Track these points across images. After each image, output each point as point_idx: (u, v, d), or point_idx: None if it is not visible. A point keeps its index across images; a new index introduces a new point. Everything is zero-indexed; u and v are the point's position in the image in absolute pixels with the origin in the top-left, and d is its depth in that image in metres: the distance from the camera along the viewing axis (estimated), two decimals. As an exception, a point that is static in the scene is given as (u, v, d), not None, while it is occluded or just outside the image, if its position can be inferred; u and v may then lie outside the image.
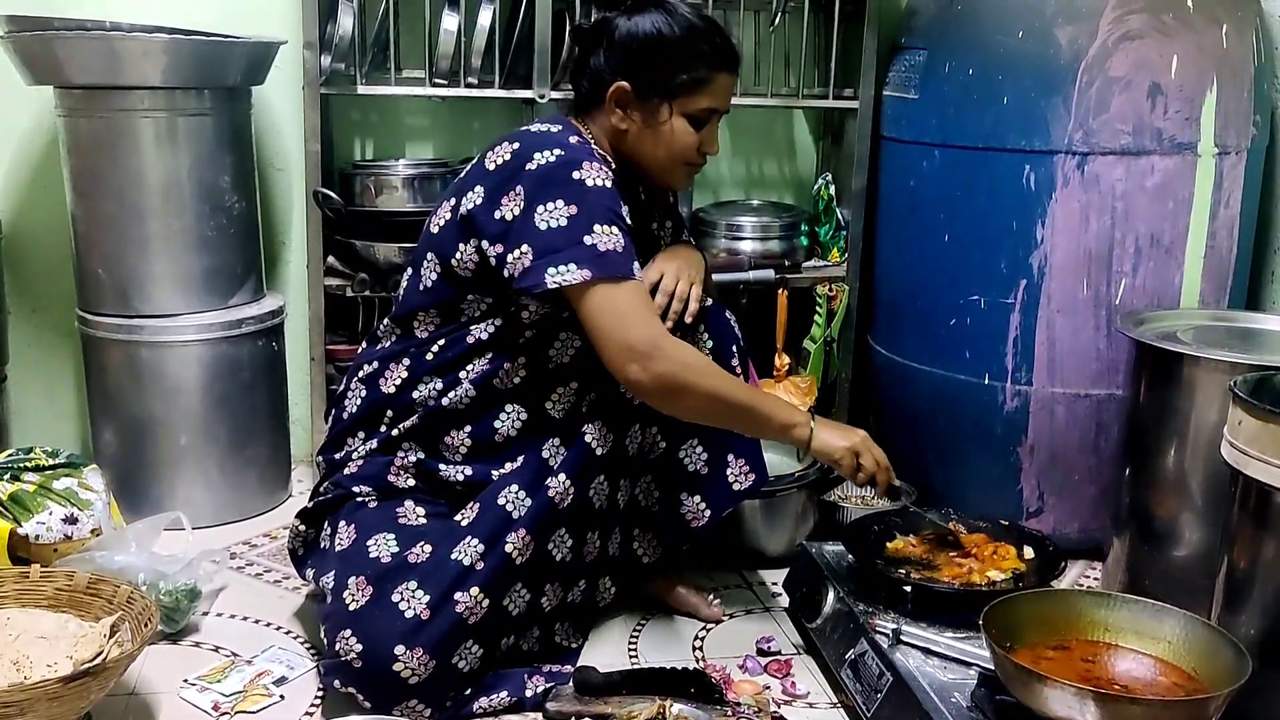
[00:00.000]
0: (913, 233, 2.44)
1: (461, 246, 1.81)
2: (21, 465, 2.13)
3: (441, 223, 1.85)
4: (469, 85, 2.48)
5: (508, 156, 1.78)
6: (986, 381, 2.31)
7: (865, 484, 1.87)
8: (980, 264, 2.29)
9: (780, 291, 2.64)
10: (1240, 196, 2.23)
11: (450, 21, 2.44)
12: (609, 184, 1.75)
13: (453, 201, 1.84)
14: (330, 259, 2.53)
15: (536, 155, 1.75)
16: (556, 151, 1.75)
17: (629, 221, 1.77)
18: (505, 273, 1.74)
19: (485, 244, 1.77)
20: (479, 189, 1.79)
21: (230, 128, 2.37)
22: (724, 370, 1.83)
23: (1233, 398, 1.57)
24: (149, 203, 2.30)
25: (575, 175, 1.72)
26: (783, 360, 2.68)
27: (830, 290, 2.70)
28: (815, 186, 2.82)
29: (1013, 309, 2.26)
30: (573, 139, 1.80)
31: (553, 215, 1.71)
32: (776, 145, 2.95)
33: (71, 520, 2.06)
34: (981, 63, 2.24)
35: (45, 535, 2.03)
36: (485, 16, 2.43)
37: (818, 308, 2.70)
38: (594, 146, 1.84)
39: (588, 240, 1.69)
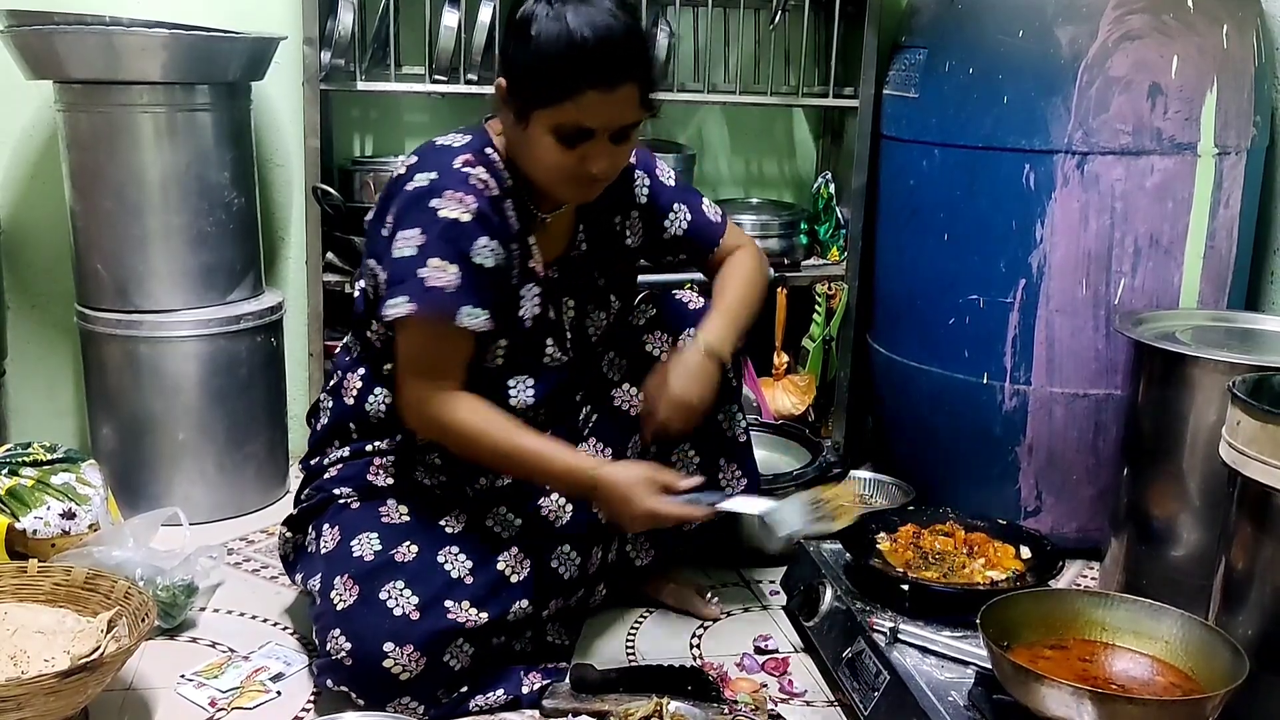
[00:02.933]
0: (912, 232, 2.44)
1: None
2: (20, 460, 2.12)
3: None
4: (469, 82, 2.48)
5: (403, 169, 1.73)
6: (985, 381, 2.31)
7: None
8: (979, 263, 2.28)
9: (779, 290, 2.64)
10: (1240, 197, 2.23)
11: (450, 18, 2.43)
12: (468, 216, 1.65)
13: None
14: (329, 255, 2.53)
15: (417, 175, 1.68)
16: (431, 176, 1.67)
17: (489, 259, 1.67)
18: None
19: (373, 261, 1.76)
20: (379, 198, 1.76)
21: (230, 124, 2.37)
22: (497, 431, 1.71)
23: (1231, 398, 1.57)
24: (148, 198, 2.30)
25: (432, 204, 1.65)
26: (781, 359, 2.68)
27: (829, 289, 2.70)
28: (815, 185, 2.82)
29: (1012, 308, 2.26)
30: (459, 160, 1.69)
31: (407, 243, 1.66)
32: (776, 144, 2.94)
33: (69, 515, 2.06)
34: (982, 62, 2.24)
35: (43, 530, 2.03)
36: (485, 13, 2.43)
37: (817, 306, 2.71)
38: (477, 168, 1.70)
39: (421, 273, 1.64)
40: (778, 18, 2.66)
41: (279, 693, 1.79)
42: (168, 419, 2.36)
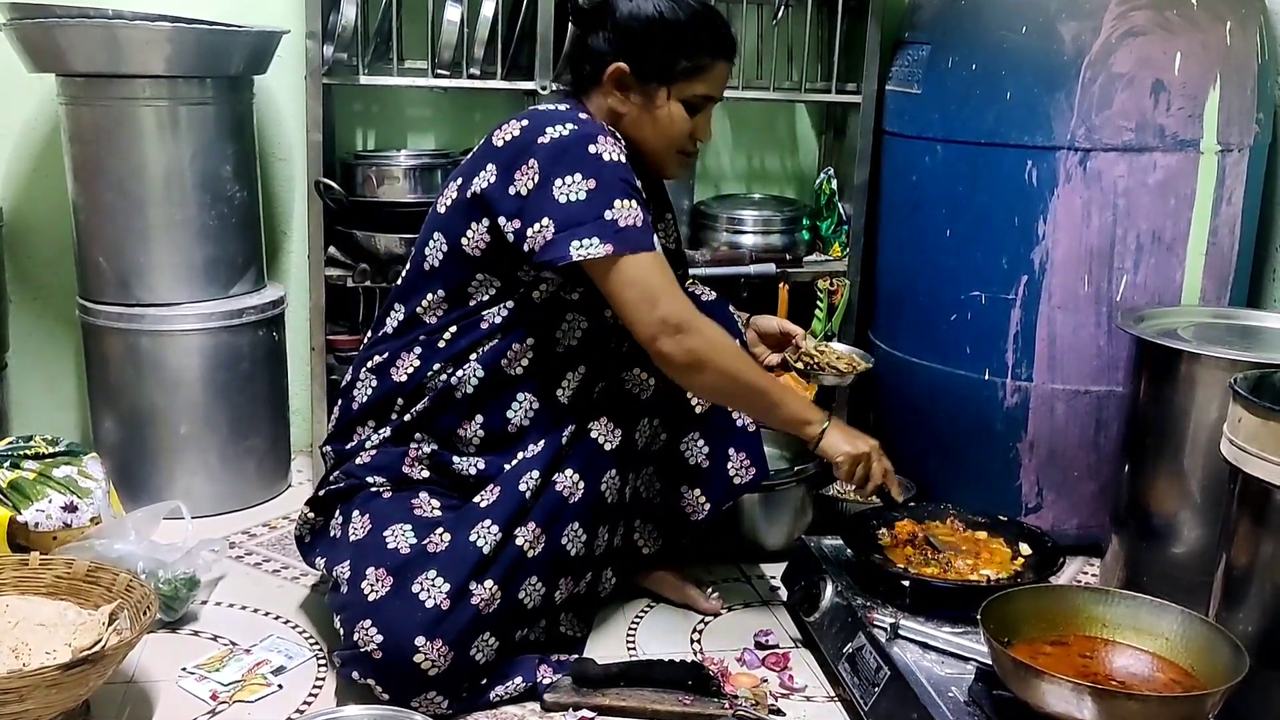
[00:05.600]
0: (914, 228, 2.44)
1: (473, 225, 1.80)
2: (21, 453, 2.13)
3: (449, 203, 1.85)
4: (471, 76, 2.48)
5: (517, 133, 1.77)
6: (987, 377, 2.31)
7: (860, 487, 1.88)
8: (981, 260, 2.28)
9: (781, 286, 2.64)
10: (1242, 194, 2.23)
11: (453, 12, 2.43)
12: (623, 159, 1.75)
13: (460, 181, 1.84)
14: (331, 249, 2.52)
15: (549, 129, 1.74)
16: (569, 126, 1.74)
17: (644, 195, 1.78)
18: (525, 246, 1.74)
19: (502, 220, 1.76)
20: (490, 167, 1.78)
21: (232, 117, 2.37)
22: (747, 355, 1.87)
23: (1233, 395, 1.57)
24: (150, 192, 2.30)
25: (591, 149, 1.72)
26: (783, 354, 2.68)
27: (831, 285, 2.70)
28: (817, 181, 2.82)
29: (1013, 305, 2.26)
30: (582, 115, 1.80)
31: (571, 189, 1.70)
32: (779, 139, 2.94)
33: (71, 508, 2.06)
34: (985, 58, 2.24)
35: (45, 523, 2.03)
36: (488, 7, 2.43)
37: (819, 302, 2.70)
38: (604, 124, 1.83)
39: (608, 215, 1.69)
40: (781, 13, 2.66)
41: (280, 686, 1.79)
42: (169, 412, 2.36)
